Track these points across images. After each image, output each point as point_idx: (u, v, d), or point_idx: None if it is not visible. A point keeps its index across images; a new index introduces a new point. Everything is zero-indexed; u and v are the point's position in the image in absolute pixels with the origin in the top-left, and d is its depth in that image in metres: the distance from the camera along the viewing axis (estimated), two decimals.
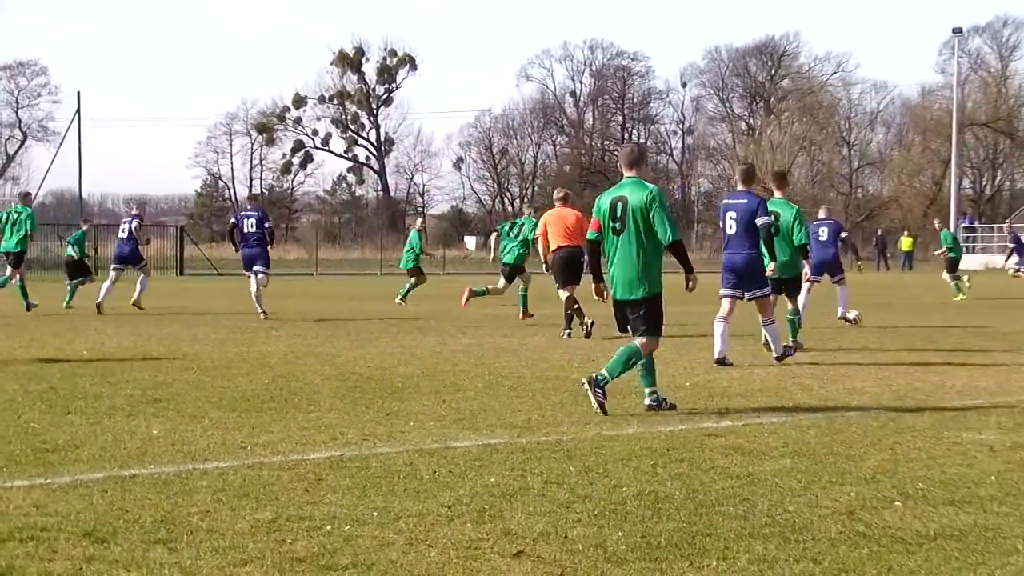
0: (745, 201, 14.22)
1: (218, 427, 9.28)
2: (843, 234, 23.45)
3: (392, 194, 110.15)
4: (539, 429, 9.32)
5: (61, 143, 66.37)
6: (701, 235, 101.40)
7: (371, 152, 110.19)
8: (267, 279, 22.69)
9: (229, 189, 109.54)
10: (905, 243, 72.28)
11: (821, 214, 23.62)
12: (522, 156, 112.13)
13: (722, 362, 14.08)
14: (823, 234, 22.18)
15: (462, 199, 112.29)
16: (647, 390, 10.60)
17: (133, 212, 28.19)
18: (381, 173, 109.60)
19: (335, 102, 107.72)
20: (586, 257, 17.23)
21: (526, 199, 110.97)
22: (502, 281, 22.00)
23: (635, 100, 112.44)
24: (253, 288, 22.43)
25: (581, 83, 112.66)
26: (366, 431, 9.17)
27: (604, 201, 10.85)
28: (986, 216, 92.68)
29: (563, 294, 19.10)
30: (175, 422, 9.51)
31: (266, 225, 22.92)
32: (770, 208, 14.92)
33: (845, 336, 18.77)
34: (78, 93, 59.11)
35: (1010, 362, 14.37)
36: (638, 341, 10.70)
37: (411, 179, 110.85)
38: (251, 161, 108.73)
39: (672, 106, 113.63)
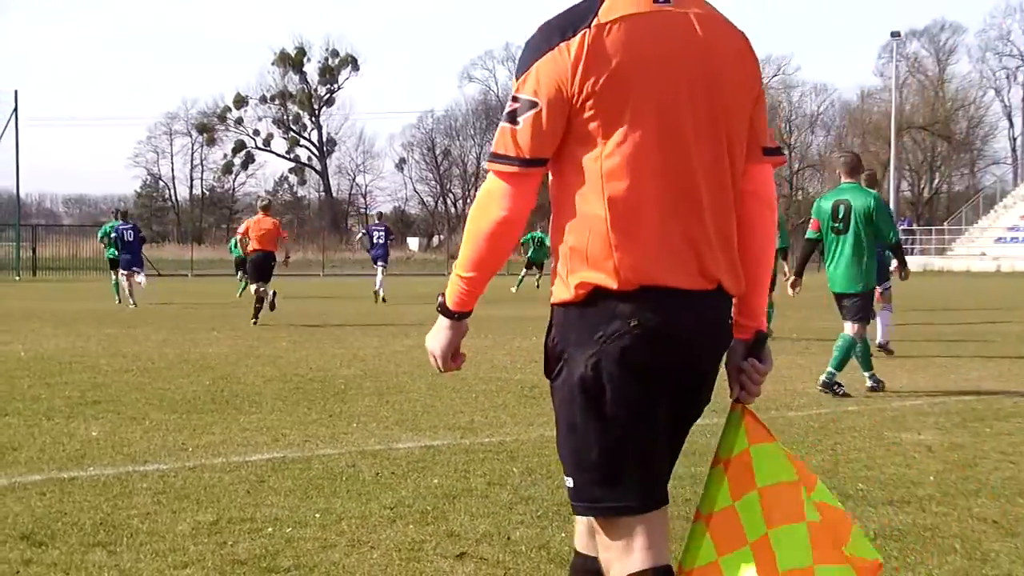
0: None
1: (158, 429, 9.21)
2: None
3: (334, 195, 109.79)
4: (482, 430, 9.31)
5: None
6: None
7: (313, 153, 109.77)
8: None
9: (169, 189, 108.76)
10: None
11: None
12: (465, 157, 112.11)
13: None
14: None
15: (404, 200, 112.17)
16: (866, 374, 12.03)
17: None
18: (323, 174, 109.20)
19: (276, 102, 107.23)
20: (276, 261, 22.23)
21: (469, 200, 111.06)
22: None
23: None
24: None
25: None
26: (308, 433, 9.13)
27: (825, 204, 12.23)
28: (924, 218, 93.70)
29: (253, 288, 21.92)
30: (115, 424, 9.43)
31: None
32: None
33: (786, 338, 18.88)
34: (15, 92, 58.48)
35: (948, 363, 14.53)
36: (850, 328, 11.93)
37: (353, 180, 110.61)
38: (192, 161, 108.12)
39: None
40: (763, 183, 3.37)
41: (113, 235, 28.62)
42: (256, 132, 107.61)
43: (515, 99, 3.18)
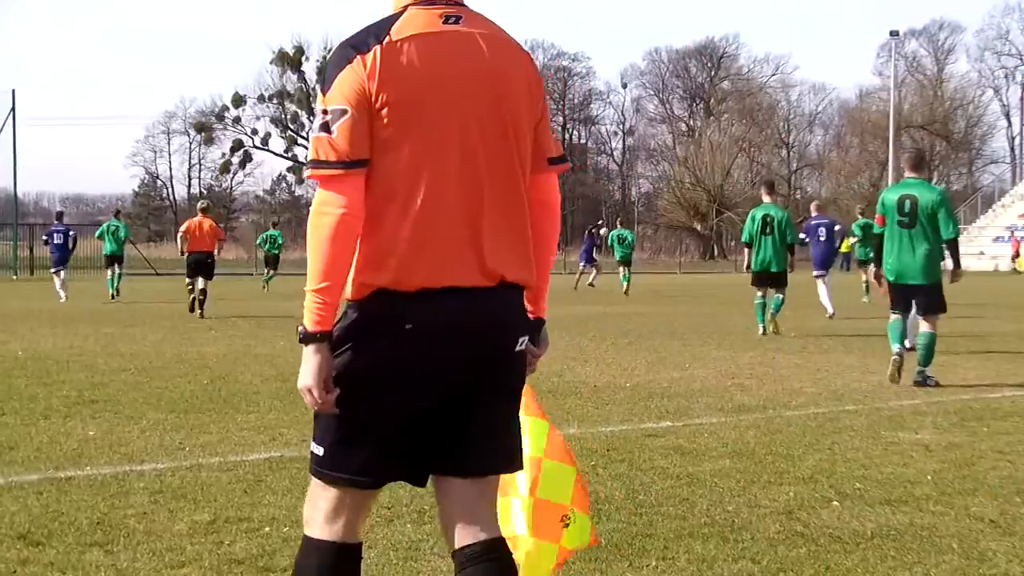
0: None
1: (156, 428, 9.20)
2: (837, 227, 27.36)
3: None
4: None
5: None
6: (641, 236, 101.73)
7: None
8: None
9: (167, 188, 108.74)
10: (843, 245, 72.89)
11: (815, 212, 27.62)
12: None
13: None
14: (823, 233, 26.18)
15: None
16: (920, 367, 12.51)
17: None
18: None
19: (275, 101, 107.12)
20: (213, 259, 23.96)
21: None
22: None
23: (576, 101, 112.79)
24: None
25: None
26: (306, 432, 9.09)
27: (890, 197, 12.79)
28: None
29: (198, 284, 23.34)
30: (112, 423, 9.43)
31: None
32: (765, 211, 19.31)
33: (784, 338, 18.90)
34: (12, 91, 58.40)
35: (945, 362, 14.50)
36: (925, 323, 12.67)
37: None
38: (190, 160, 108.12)
39: (613, 107, 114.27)
40: (548, 191, 3.71)
41: (44, 236, 30.84)
42: (254, 131, 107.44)
43: (325, 111, 3.39)
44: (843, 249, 72.10)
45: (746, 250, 20.14)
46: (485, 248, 3.46)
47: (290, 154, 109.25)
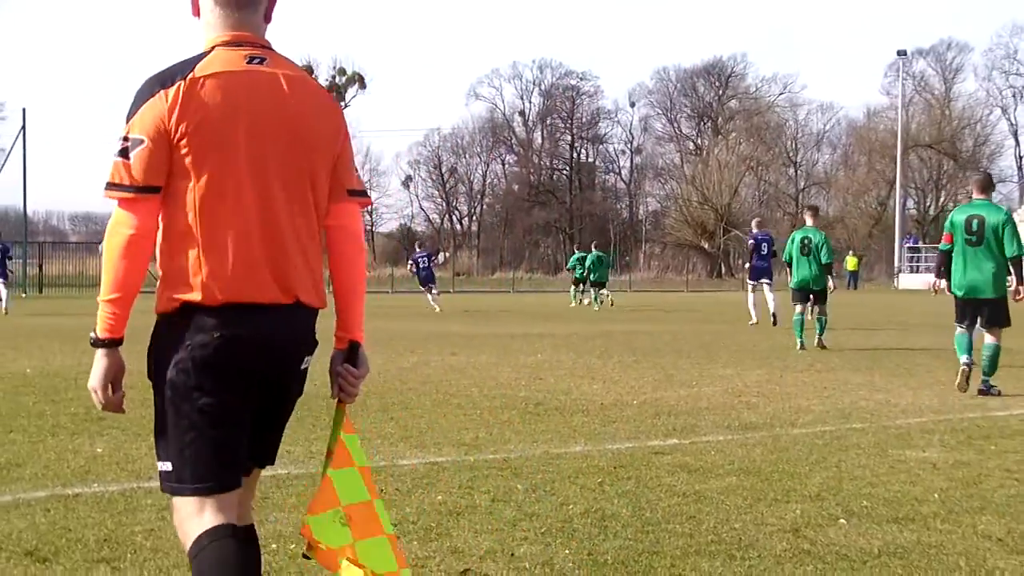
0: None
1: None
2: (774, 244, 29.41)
3: None
4: (486, 447, 9.31)
5: (6, 160, 65.75)
6: (648, 254, 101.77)
7: None
8: None
9: None
10: (850, 263, 72.90)
11: (755, 229, 29.79)
12: (471, 175, 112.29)
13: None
14: (765, 247, 28.43)
15: (411, 217, 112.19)
16: (984, 376, 13.49)
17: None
18: None
19: None
20: None
21: (475, 217, 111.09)
22: None
23: (584, 119, 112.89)
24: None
25: (530, 102, 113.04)
26: (312, 449, 9.12)
27: (959, 218, 13.74)
28: (930, 236, 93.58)
29: None
30: (119, 440, 9.44)
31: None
32: (804, 233, 20.95)
33: (790, 354, 18.90)
34: (23, 110, 58.50)
35: (953, 380, 14.48)
36: (989, 335, 13.62)
37: None
38: None
39: (620, 126, 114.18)
40: (347, 218, 4.00)
41: None
42: None
43: (126, 139, 3.69)
44: (850, 267, 72.35)
45: (787, 268, 21.72)
46: (282, 269, 3.79)
47: None
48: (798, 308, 20.95)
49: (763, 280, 28.04)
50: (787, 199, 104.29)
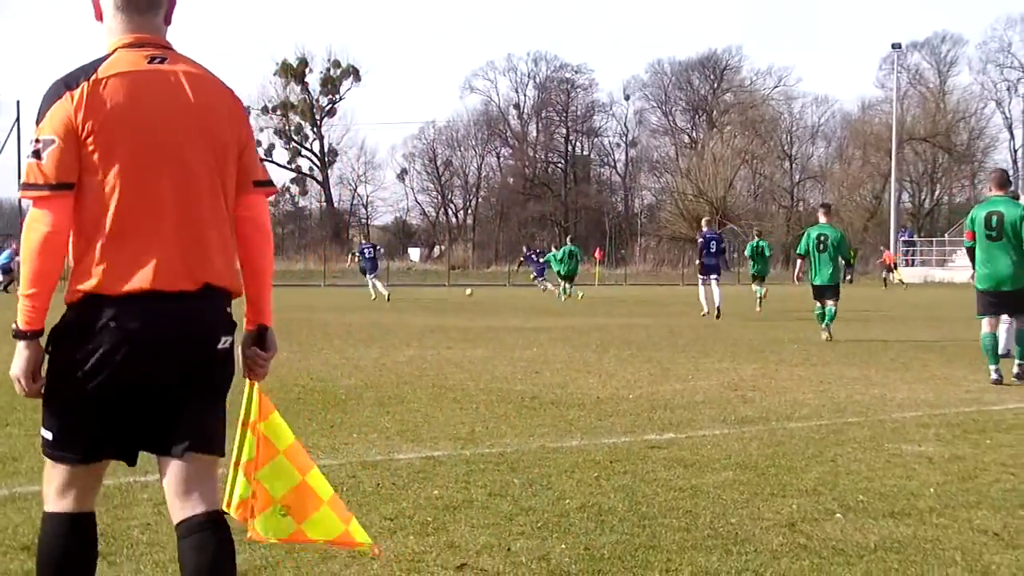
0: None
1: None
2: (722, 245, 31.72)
3: (336, 205, 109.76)
4: (483, 441, 9.31)
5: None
6: (644, 248, 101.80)
7: (314, 163, 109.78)
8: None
9: None
10: (854, 256, 72.90)
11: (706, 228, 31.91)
12: (466, 168, 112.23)
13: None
14: (714, 245, 30.33)
15: (406, 210, 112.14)
16: (1019, 361, 14.05)
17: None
18: (324, 184, 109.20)
19: (278, 113, 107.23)
20: None
21: (470, 211, 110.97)
22: None
23: (579, 113, 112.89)
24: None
25: (525, 95, 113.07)
26: (309, 443, 9.11)
27: (979, 214, 14.35)
28: (925, 230, 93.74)
29: None
30: None
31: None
32: (820, 231, 21.45)
33: (786, 349, 18.92)
34: (17, 102, 58.53)
35: (948, 374, 14.53)
36: (1018, 322, 14.16)
37: (355, 190, 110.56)
38: None
39: (616, 119, 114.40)
40: (254, 208, 4.18)
41: None
42: (258, 143, 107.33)
43: (37, 140, 3.86)
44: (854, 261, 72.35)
45: (799, 260, 23.31)
46: (189, 258, 3.94)
47: (293, 165, 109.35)
48: (818, 303, 21.50)
49: (712, 276, 29.73)
50: (783, 192, 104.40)
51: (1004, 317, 14.50)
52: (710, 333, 23.08)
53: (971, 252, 14.54)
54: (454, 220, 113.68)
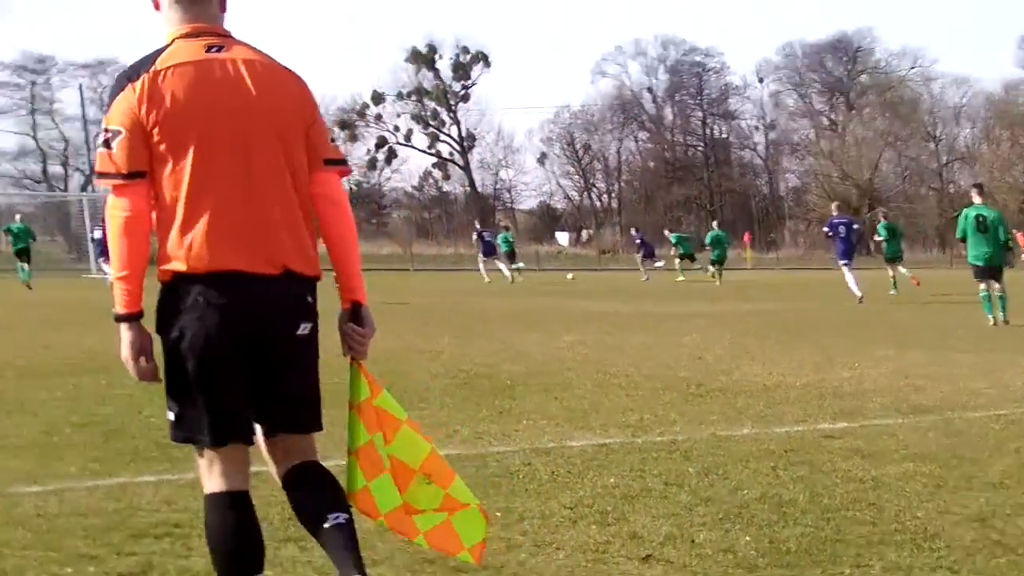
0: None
1: (333, 425, 9.23)
2: (856, 226, 31.93)
3: (479, 189, 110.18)
4: (653, 429, 9.26)
5: None
6: (793, 231, 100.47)
7: (454, 148, 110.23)
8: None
9: None
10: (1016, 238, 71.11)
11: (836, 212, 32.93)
12: (605, 151, 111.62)
13: None
14: (843, 230, 30.50)
15: (549, 195, 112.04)
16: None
17: None
18: (466, 169, 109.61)
19: (413, 98, 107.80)
20: None
21: (613, 195, 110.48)
22: None
23: (713, 96, 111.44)
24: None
25: (656, 79, 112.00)
26: (480, 429, 9.17)
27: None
28: None
29: None
30: None
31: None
32: (977, 211, 21.33)
33: (952, 334, 18.52)
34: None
35: None
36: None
37: (496, 175, 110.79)
38: None
39: (751, 101, 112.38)
40: (327, 185, 4.24)
41: None
42: (396, 128, 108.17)
43: (106, 131, 4.03)
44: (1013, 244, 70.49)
45: (961, 244, 22.60)
46: (265, 241, 4.07)
47: (433, 150, 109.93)
48: (982, 285, 21.19)
49: (843, 261, 30.00)
50: (931, 174, 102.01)
51: None
52: (870, 318, 22.69)
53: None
54: (599, 204, 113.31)
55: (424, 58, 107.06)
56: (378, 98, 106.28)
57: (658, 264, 47.48)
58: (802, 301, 29.86)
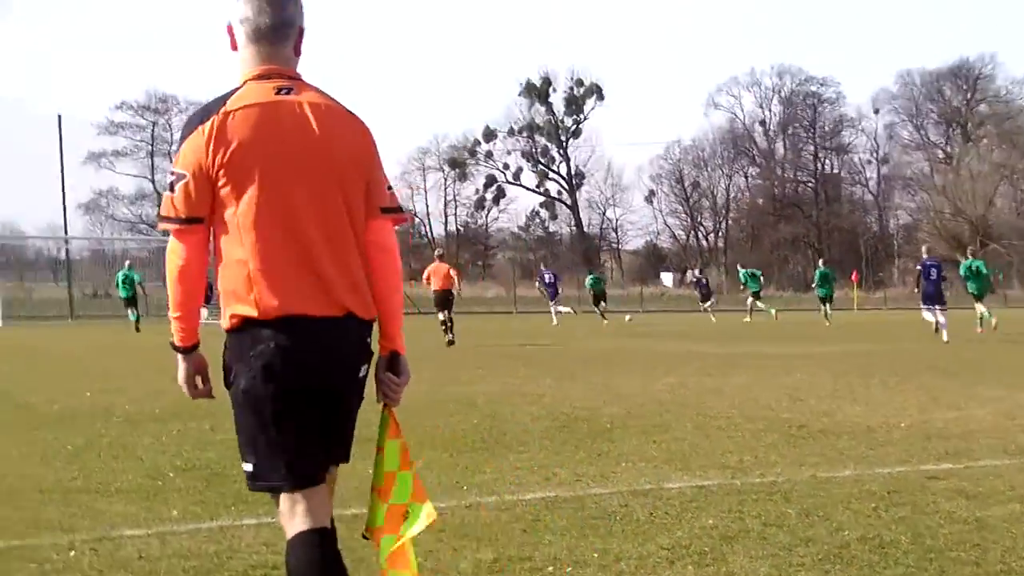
0: None
1: (432, 467, 9.37)
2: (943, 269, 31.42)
3: (585, 229, 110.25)
4: (752, 470, 9.20)
5: None
6: (902, 270, 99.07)
7: (562, 186, 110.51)
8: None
9: (425, 226, 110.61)
10: None
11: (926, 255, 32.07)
12: (714, 188, 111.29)
13: None
14: (933, 273, 30.20)
15: (655, 234, 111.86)
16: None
17: None
18: (573, 208, 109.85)
19: (524, 135, 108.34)
20: (452, 295, 29.51)
21: (720, 234, 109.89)
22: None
23: (826, 128, 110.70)
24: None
25: (770, 111, 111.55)
26: (578, 471, 9.17)
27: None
28: None
29: (440, 316, 28.60)
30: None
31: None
32: None
33: None
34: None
35: None
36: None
37: (603, 213, 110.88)
38: (445, 197, 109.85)
39: (865, 134, 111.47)
40: (380, 233, 4.29)
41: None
42: (506, 166, 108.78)
43: (172, 173, 4.12)
44: None
45: None
46: (329, 284, 4.12)
47: (542, 189, 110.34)
48: None
49: (934, 305, 29.71)
50: None
51: None
52: (978, 358, 22.33)
53: None
54: (704, 243, 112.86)
55: (538, 91, 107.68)
56: (490, 135, 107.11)
57: (562, 309, 46.49)
58: (908, 342, 29.45)
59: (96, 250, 76.79)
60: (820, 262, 45.74)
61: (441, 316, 28.80)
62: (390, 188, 4.41)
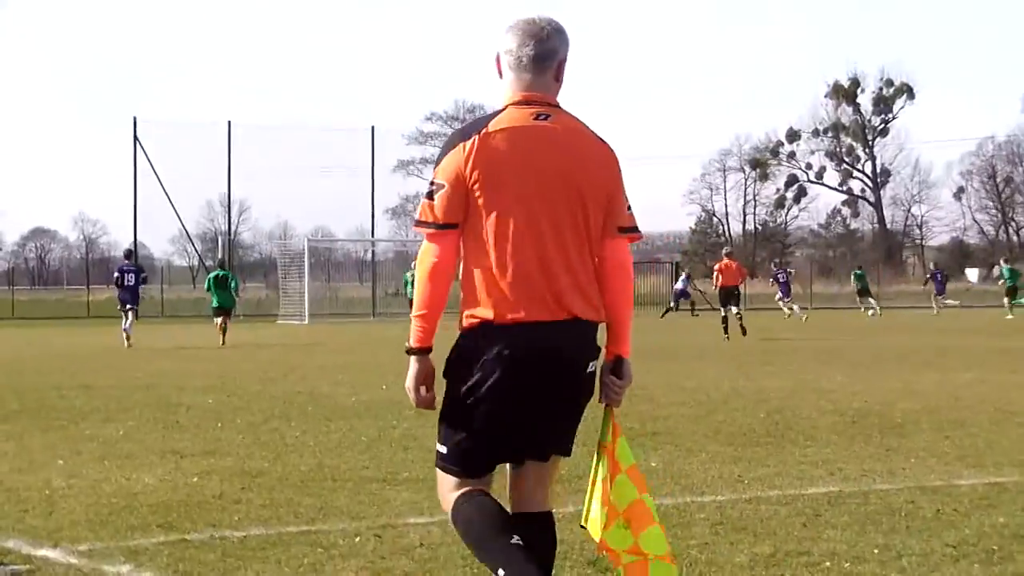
0: None
1: (715, 460, 9.33)
2: None
3: (888, 226, 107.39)
4: None
5: None
6: None
7: (866, 184, 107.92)
8: None
9: (723, 225, 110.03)
10: None
11: None
12: None
13: None
14: None
15: (963, 230, 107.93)
16: None
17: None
18: (877, 205, 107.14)
19: (829, 135, 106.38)
20: (739, 291, 30.93)
21: None
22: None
23: None
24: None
25: None
26: (865, 467, 8.97)
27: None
28: None
29: (722, 312, 29.50)
30: (672, 455, 9.64)
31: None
32: None
33: None
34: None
35: None
36: None
37: (908, 211, 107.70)
38: (744, 197, 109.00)
39: None
40: (618, 251, 4.59)
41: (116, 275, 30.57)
42: (808, 166, 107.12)
43: (432, 183, 4.45)
44: None
45: None
46: (557, 291, 4.42)
47: (845, 187, 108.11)
48: None
49: None
50: None
51: None
52: None
53: None
54: (1015, 239, 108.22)
55: (845, 92, 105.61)
56: (793, 136, 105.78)
57: (795, 308, 44.57)
58: None
59: (400, 251, 79.03)
60: (1001, 260, 45.04)
61: (723, 312, 29.53)
62: (629, 209, 4.67)
